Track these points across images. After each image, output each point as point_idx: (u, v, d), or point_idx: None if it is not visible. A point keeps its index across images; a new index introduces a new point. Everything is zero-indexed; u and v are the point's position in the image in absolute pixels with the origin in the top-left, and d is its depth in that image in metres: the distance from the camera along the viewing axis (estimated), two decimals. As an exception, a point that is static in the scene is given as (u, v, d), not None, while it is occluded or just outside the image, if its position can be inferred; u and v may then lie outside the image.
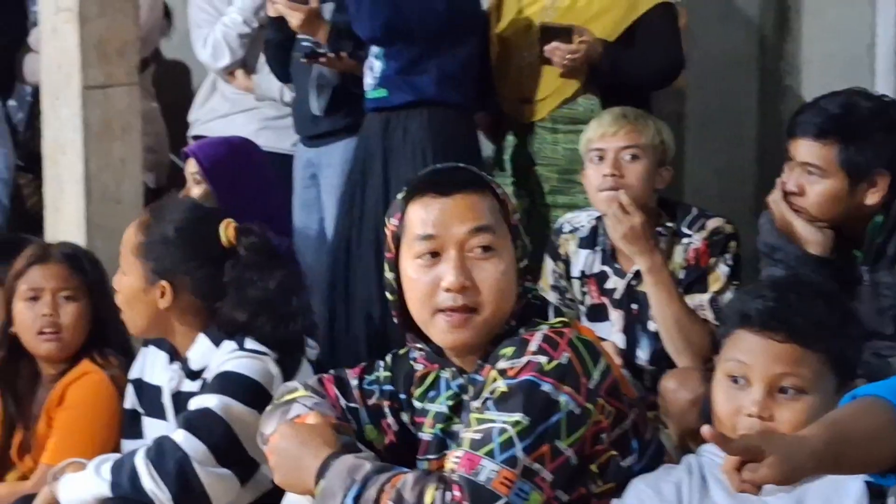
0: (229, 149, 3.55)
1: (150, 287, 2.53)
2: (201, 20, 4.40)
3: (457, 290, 1.94)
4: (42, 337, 2.80)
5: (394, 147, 3.59)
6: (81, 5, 3.29)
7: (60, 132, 3.37)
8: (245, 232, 2.58)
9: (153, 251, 2.54)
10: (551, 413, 1.84)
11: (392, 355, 2.19)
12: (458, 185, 1.99)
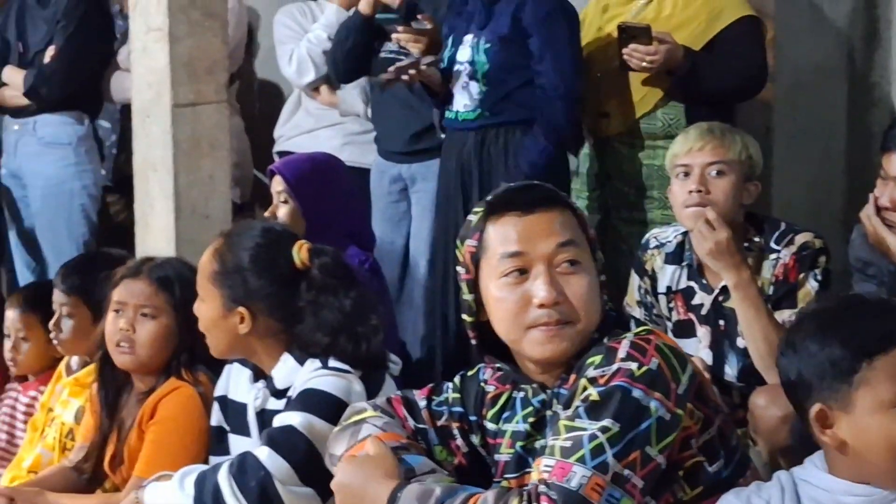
0: (314, 165, 3.56)
1: (229, 314, 2.55)
2: (286, 37, 4.45)
3: (550, 305, 1.94)
4: (118, 349, 2.85)
5: (493, 164, 3.62)
6: (171, 25, 3.33)
7: (150, 149, 3.42)
8: (318, 253, 2.58)
9: (229, 279, 2.55)
10: (642, 419, 1.84)
11: (461, 377, 2.19)
12: (538, 202, 2.00)
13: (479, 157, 3.67)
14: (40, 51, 4.33)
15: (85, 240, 4.35)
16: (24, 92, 4.32)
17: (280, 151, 4.52)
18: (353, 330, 2.52)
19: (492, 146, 3.66)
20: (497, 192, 2.06)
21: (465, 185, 3.70)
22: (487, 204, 2.03)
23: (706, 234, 2.88)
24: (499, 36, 3.64)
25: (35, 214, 4.42)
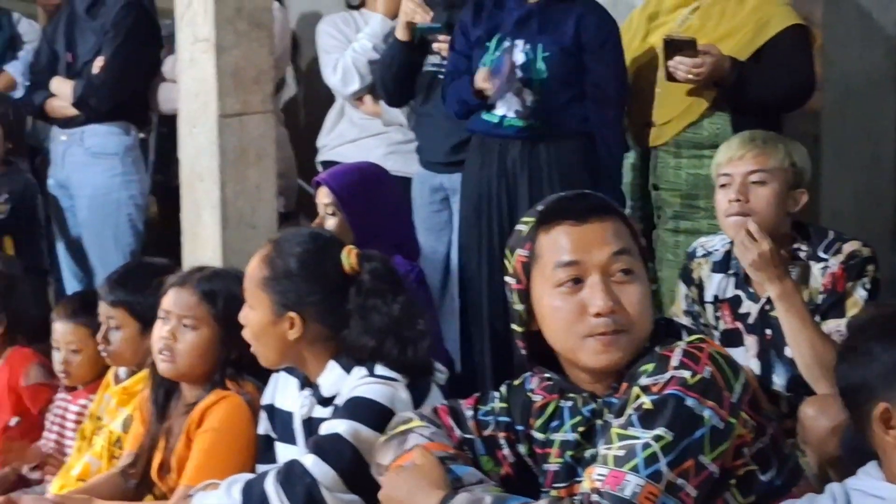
0: (362, 176, 3.56)
1: (279, 319, 2.56)
2: (330, 46, 4.46)
3: (607, 314, 1.94)
4: (160, 357, 2.87)
5: (542, 172, 3.62)
6: (218, 36, 3.35)
7: (197, 159, 3.43)
8: (367, 258, 2.60)
9: (278, 284, 2.56)
10: (695, 428, 1.84)
11: (507, 386, 2.19)
12: (592, 211, 2.00)
13: (527, 166, 3.66)
14: (89, 61, 4.35)
15: (131, 249, 4.37)
16: (73, 102, 4.35)
17: (323, 161, 4.54)
18: (400, 334, 2.53)
19: (542, 156, 3.65)
20: (549, 202, 2.05)
21: (510, 193, 3.69)
22: (539, 213, 2.03)
23: (748, 245, 2.87)
24: (561, 47, 3.63)
25: (82, 224, 4.45)
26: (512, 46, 3.65)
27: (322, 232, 2.83)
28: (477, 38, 3.79)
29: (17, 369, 3.70)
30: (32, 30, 4.94)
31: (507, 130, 3.69)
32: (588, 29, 3.65)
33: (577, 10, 3.68)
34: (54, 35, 4.53)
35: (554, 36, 3.67)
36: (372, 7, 4.46)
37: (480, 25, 3.80)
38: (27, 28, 4.93)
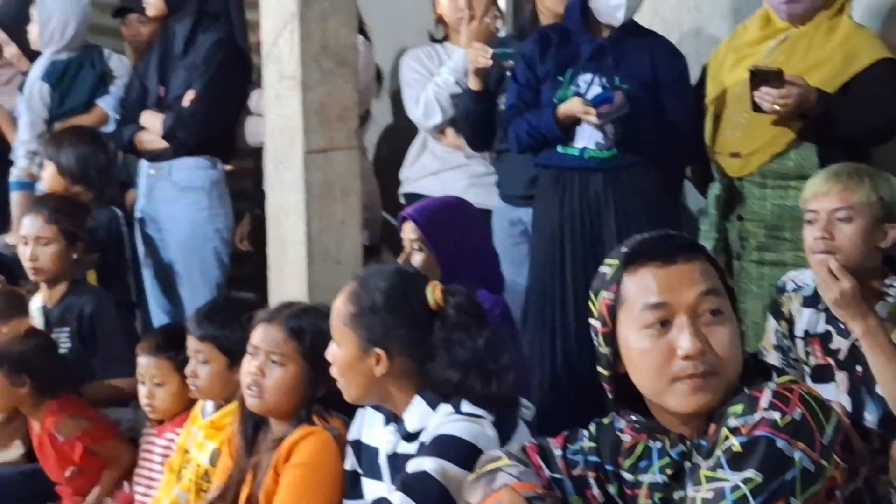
0: (448, 210, 3.55)
1: (365, 356, 2.58)
2: (413, 80, 4.49)
3: (696, 357, 1.92)
4: (248, 392, 2.90)
5: (627, 203, 3.62)
6: (304, 73, 3.39)
7: (283, 195, 3.47)
8: (451, 293, 2.61)
9: (364, 320, 2.58)
10: (785, 470, 1.81)
11: (596, 424, 2.17)
12: (678, 251, 1.97)
13: (612, 197, 3.65)
14: (179, 96, 4.42)
15: (218, 282, 4.42)
16: (162, 135, 4.41)
17: (406, 193, 4.56)
18: (485, 368, 2.54)
19: (626, 187, 3.65)
20: (633, 243, 2.03)
21: (595, 226, 3.68)
22: (624, 255, 2.01)
23: (830, 284, 2.83)
24: (640, 81, 3.64)
25: (170, 258, 4.51)
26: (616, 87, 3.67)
27: (406, 268, 2.85)
28: (545, 73, 3.79)
29: (51, 428, 3.75)
30: (122, 65, 5.03)
31: (588, 163, 3.69)
32: (662, 64, 3.69)
33: (648, 45, 3.71)
34: (146, 70, 4.60)
35: (630, 69, 3.68)
36: (455, 41, 4.48)
37: (548, 59, 3.81)
38: (117, 64, 5.02)
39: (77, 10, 4.88)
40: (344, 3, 3.43)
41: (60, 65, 4.87)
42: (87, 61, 4.92)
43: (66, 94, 4.87)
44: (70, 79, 4.87)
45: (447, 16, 4.46)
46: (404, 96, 4.55)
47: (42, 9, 4.82)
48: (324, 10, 3.41)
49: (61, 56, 4.86)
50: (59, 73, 4.86)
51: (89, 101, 4.90)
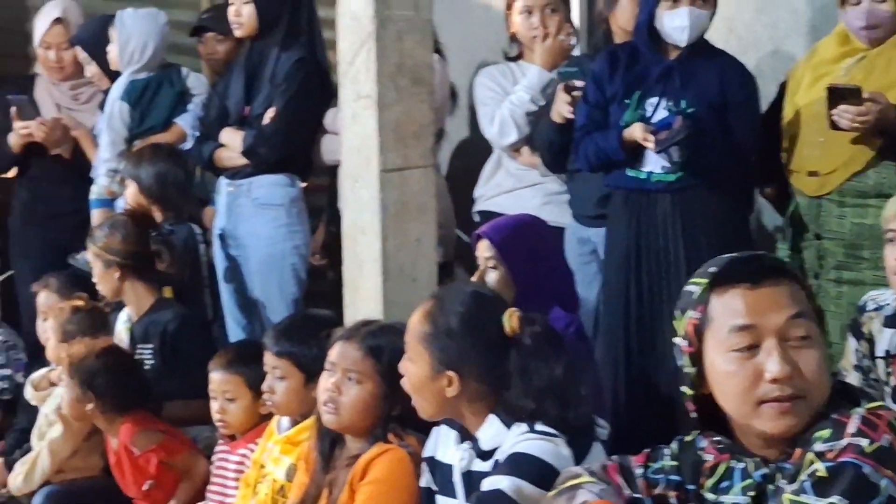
0: (522, 229, 3.56)
1: (437, 376, 2.59)
2: (488, 98, 4.50)
3: (784, 381, 1.91)
4: (325, 409, 2.92)
5: (696, 225, 3.60)
6: (380, 92, 3.41)
7: (359, 213, 3.49)
8: (529, 320, 2.60)
9: (439, 341, 2.59)
10: (871, 497, 1.80)
11: (678, 442, 2.16)
12: (767, 273, 1.96)
13: (680, 219, 3.64)
14: (260, 113, 4.46)
15: (295, 298, 4.44)
16: (242, 152, 4.46)
17: (480, 211, 4.56)
18: (561, 396, 2.53)
19: (695, 208, 3.63)
20: (722, 263, 2.02)
21: (664, 248, 3.67)
22: (712, 275, 2.00)
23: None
24: (707, 102, 3.62)
25: (247, 274, 4.54)
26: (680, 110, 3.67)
27: (484, 291, 2.84)
28: (613, 94, 3.79)
29: (127, 441, 3.79)
30: (200, 84, 5.09)
31: (655, 186, 3.68)
32: (731, 85, 3.67)
33: (718, 65, 3.69)
34: (226, 89, 4.65)
35: (698, 91, 3.67)
36: (529, 59, 4.48)
37: (616, 80, 3.81)
38: (195, 82, 5.08)
39: (155, 30, 4.95)
40: (420, 22, 3.45)
41: (139, 84, 4.94)
42: (165, 80, 4.99)
43: (145, 112, 4.94)
44: (149, 98, 4.94)
45: (521, 34, 4.47)
46: (479, 114, 4.56)
47: (121, 30, 4.90)
48: (400, 29, 3.42)
49: (140, 76, 4.94)
50: (139, 93, 4.93)
51: (168, 120, 4.97)
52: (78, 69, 5.19)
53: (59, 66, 5.20)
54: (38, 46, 5.19)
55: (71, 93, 5.25)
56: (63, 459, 3.99)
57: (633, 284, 3.72)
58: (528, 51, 4.48)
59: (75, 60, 5.18)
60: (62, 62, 5.19)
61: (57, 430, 3.97)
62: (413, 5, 3.41)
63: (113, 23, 4.93)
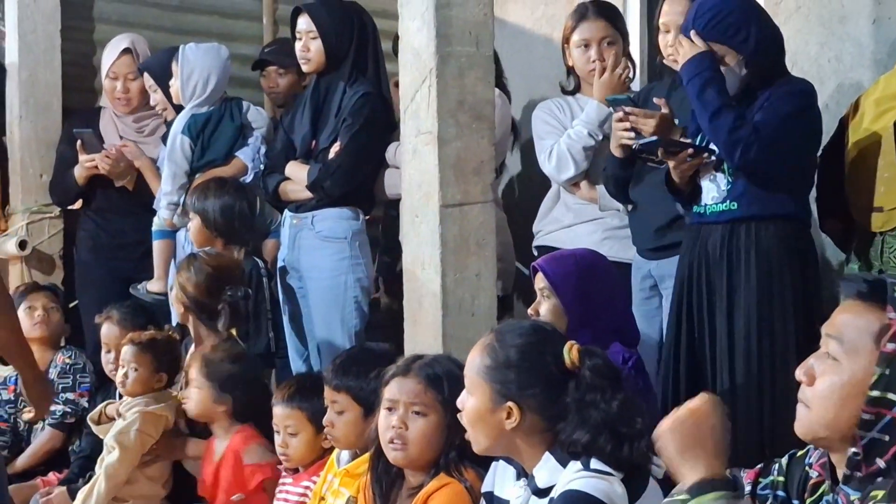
0: (576, 262, 3.57)
1: (497, 409, 2.58)
2: (545, 132, 4.49)
3: None
4: (391, 446, 2.93)
5: (740, 258, 3.57)
6: (441, 128, 3.43)
7: (419, 248, 3.51)
8: (589, 354, 2.60)
9: (499, 374, 2.59)
10: None
11: (789, 457, 2.14)
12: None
13: (725, 250, 3.61)
14: (326, 147, 4.49)
15: (357, 331, 4.46)
16: (307, 185, 4.49)
17: (539, 246, 4.55)
18: (617, 431, 2.52)
19: (741, 240, 3.60)
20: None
21: (709, 279, 3.64)
22: None
23: None
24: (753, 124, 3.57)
25: (310, 306, 4.56)
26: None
27: (544, 325, 2.85)
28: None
29: (240, 447, 3.83)
30: (260, 117, 5.14)
31: (709, 217, 3.67)
32: (773, 95, 3.60)
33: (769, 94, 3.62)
34: (292, 123, 4.69)
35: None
36: (587, 93, 4.47)
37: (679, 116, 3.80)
38: (255, 116, 5.13)
39: (217, 64, 5.00)
40: (481, 58, 3.47)
41: (201, 118, 4.99)
42: (226, 114, 5.03)
43: (206, 146, 4.98)
44: (210, 131, 4.99)
45: (579, 68, 4.46)
46: (537, 149, 4.54)
47: (184, 64, 4.96)
48: (461, 65, 3.45)
49: (202, 109, 4.99)
50: (200, 126, 4.98)
51: (228, 153, 5.02)
52: (143, 101, 5.26)
53: (125, 96, 5.25)
54: (105, 77, 5.26)
55: (135, 125, 5.31)
56: (119, 484, 4.00)
57: (684, 318, 3.70)
58: (585, 84, 4.47)
59: (141, 92, 5.24)
60: (128, 93, 5.25)
61: (114, 455, 4.00)
62: (474, 41, 3.43)
63: (176, 57, 5.00)
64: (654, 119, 3.77)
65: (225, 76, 5.04)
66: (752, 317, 3.53)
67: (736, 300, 3.55)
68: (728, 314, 3.56)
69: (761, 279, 3.54)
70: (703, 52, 3.55)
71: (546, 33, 5.67)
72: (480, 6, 3.45)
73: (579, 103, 4.47)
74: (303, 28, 4.54)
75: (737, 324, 3.55)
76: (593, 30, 4.35)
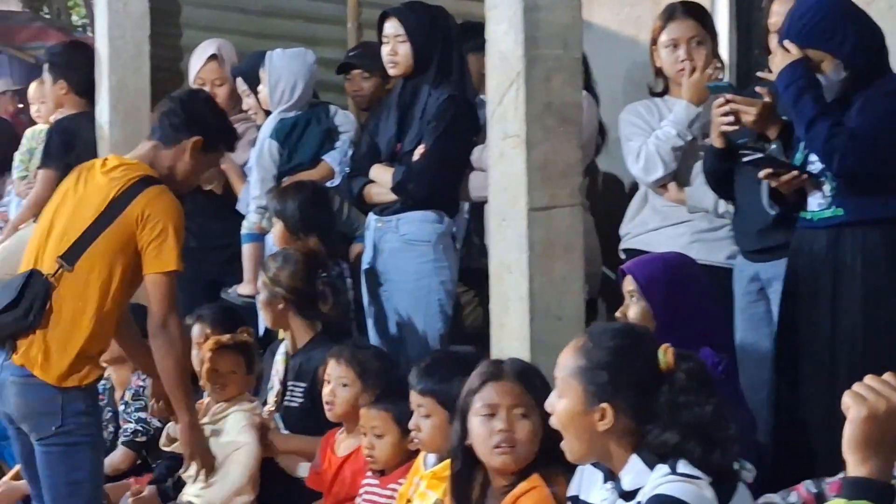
0: (665, 265, 3.55)
1: (590, 410, 2.57)
2: (632, 134, 4.44)
3: None
4: (497, 451, 2.93)
5: (846, 263, 3.52)
6: (528, 131, 3.42)
7: (506, 252, 3.50)
8: (683, 357, 2.59)
9: (592, 374, 2.57)
10: None
11: None
12: None
13: (831, 256, 3.56)
14: (411, 150, 4.49)
15: (441, 334, 4.46)
16: (392, 188, 4.50)
17: (626, 249, 4.52)
18: (708, 436, 2.50)
19: (847, 246, 3.54)
20: None
21: (814, 285, 3.59)
22: None
23: None
24: (849, 130, 3.53)
25: (394, 309, 4.57)
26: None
27: (636, 327, 2.85)
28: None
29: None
30: (348, 121, 5.17)
31: (816, 223, 3.61)
32: (868, 99, 3.54)
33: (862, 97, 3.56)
34: (376, 126, 4.71)
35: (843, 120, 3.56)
36: (675, 94, 4.43)
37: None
38: (343, 119, 5.16)
39: (303, 70, 5.03)
40: (569, 61, 3.45)
41: (288, 122, 5.03)
42: (313, 118, 5.07)
43: (293, 150, 5.02)
44: (297, 136, 5.03)
45: (667, 68, 4.41)
46: (624, 151, 4.50)
47: (271, 70, 5.00)
48: (549, 68, 3.43)
49: (290, 114, 5.03)
50: (287, 131, 5.02)
51: (315, 157, 5.05)
52: (230, 106, 5.30)
53: (212, 102, 5.31)
54: (192, 83, 5.32)
55: (223, 130, 5.36)
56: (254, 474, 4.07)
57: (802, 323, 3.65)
58: (674, 85, 4.43)
59: (229, 97, 5.29)
60: (216, 98, 5.30)
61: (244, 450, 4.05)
62: (562, 44, 3.41)
63: (263, 62, 5.03)
64: (756, 107, 3.73)
65: (311, 81, 5.08)
66: (857, 324, 3.50)
67: (842, 306, 3.51)
68: (833, 319, 3.52)
69: (868, 284, 3.49)
70: (796, 59, 3.51)
71: (631, 35, 5.63)
72: (569, 9, 3.43)
73: (667, 105, 4.42)
74: (390, 32, 4.56)
75: (843, 330, 3.52)
76: (682, 30, 4.30)
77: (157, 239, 3.74)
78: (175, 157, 3.96)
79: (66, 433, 3.77)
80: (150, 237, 3.75)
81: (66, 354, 3.75)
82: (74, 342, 3.76)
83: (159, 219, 3.76)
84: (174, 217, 3.81)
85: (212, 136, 4.02)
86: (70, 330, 3.76)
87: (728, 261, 4.18)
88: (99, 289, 3.77)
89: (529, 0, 3.37)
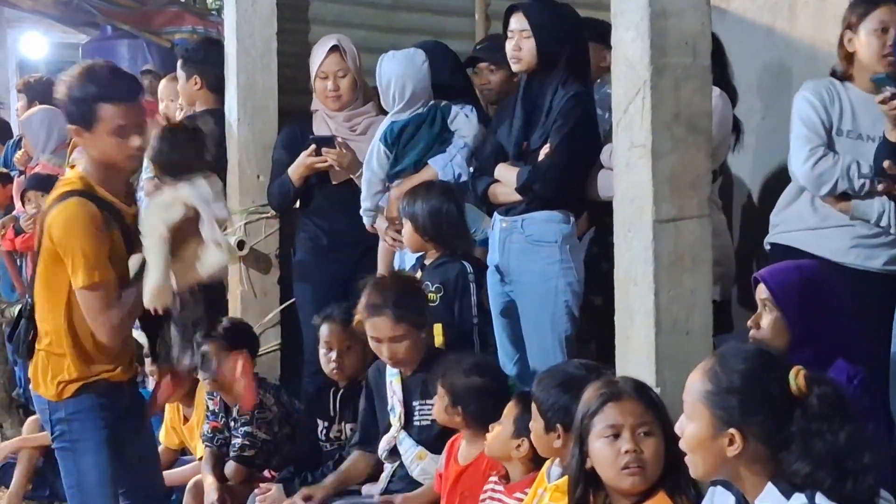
0: (800, 275, 3.42)
1: (718, 435, 2.52)
2: (810, 131, 4.21)
3: None
4: (625, 472, 2.88)
5: None
6: (655, 141, 3.32)
7: (632, 264, 3.42)
8: (817, 381, 2.51)
9: (721, 400, 2.53)
10: None
11: None
12: None
13: None
14: (536, 149, 4.43)
15: (567, 335, 4.40)
16: (517, 187, 4.44)
17: (774, 243, 4.36)
18: (842, 464, 2.43)
19: None
20: None
21: None
22: None
23: None
24: None
25: (520, 309, 4.53)
26: None
27: (768, 350, 2.76)
28: None
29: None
30: (468, 124, 4.94)
31: None
32: None
33: None
34: (499, 124, 4.65)
35: None
36: (861, 85, 4.20)
37: None
38: (462, 122, 4.92)
39: (412, 71, 4.97)
40: (698, 69, 3.34)
41: (398, 126, 5.00)
42: (427, 120, 5.02)
43: (400, 154, 5.00)
44: (406, 139, 5.00)
45: (871, 54, 4.13)
46: (792, 137, 4.20)
47: (381, 75, 4.98)
48: (677, 77, 3.33)
49: (402, 116, 5.00)
50: (396, 134, 5.00)
51: (420, 161, 4.99)
52: (353, 98, 5.28)
53: (335, 94, 5.27)
54: (314, 78, 5.29)
55: (346, 124, 5.33)
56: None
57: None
58: (861, 75, 4.17)
59: (351, 88, 5.27)
60: (339, 90, 5.28)
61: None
62: (691, 52, 3.31)
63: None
64: None
65: (423, 81, 4.99)
66: None
67: None
68: None
69: None
70: None
71: (768, 22, 5.46)
72: (698, 15, 3.32)
73: (849, 93, 4.23)
74: (515, 27, 4.48)
75: None
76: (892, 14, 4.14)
77: (67, 257, 3.72)
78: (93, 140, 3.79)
79: (58, 438, 3.90)
80: (64, 256, 3.73)
81: (54, 378, 3.83)
82: (59, 365, 3.82)
83: (61, 237, 3.72)
84: (76, 231, 3.70)
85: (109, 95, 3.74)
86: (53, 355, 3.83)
87: (885, 267, 4.07)
88: (62, 313, 3.79)
89: (657, 6, 3.26)
